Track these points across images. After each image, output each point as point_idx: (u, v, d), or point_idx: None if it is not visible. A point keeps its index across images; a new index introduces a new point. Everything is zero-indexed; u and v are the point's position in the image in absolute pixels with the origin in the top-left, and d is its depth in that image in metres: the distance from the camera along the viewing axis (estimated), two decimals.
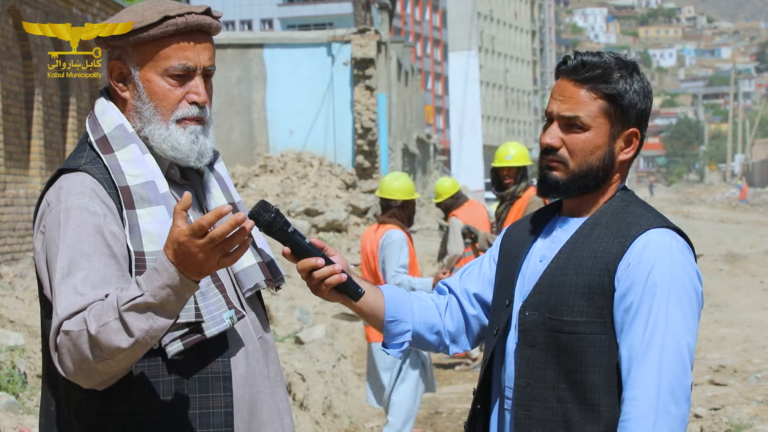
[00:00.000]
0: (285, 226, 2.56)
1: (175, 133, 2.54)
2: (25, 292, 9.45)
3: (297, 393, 8.37)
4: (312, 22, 70.70)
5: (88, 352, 2.28)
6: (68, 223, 2.39)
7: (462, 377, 10.93)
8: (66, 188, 2.45)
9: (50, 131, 14.63)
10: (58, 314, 2.32)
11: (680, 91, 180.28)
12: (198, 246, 2.23)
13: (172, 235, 2.25)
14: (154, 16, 2.50)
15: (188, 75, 2.55)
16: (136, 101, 2.54)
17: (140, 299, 2.26)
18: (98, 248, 2.38)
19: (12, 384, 6.27)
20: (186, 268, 2.26)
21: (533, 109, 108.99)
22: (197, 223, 2.22)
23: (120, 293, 2.29)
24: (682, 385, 2.49)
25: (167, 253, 2.27)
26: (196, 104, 2.56)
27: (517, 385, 2.63)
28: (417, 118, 40.66)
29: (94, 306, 2.30)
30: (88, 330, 2.27)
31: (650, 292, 2.51)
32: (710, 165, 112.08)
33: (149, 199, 2.47)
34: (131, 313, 2.25)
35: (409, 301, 2.82)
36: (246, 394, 2.58)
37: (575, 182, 2.63)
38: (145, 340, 2.27)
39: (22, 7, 13.48)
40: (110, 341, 2.26)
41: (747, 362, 10.66)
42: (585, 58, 2.63)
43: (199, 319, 2.45)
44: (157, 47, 2.52)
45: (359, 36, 24.41)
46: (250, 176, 23.69)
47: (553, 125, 2.65)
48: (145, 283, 2.27)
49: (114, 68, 2.55)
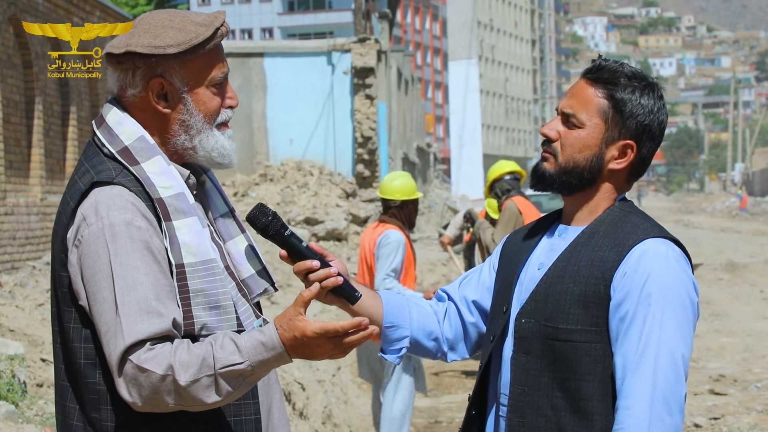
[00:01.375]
0: (282, 229, 2.57)
1: (221, 139, 2.57)
2: (25, 301, 9.45)
3: (297, 402, 8.36)
4: (312, 31, 70.83)
5: (167, 398, 2.32)
6: (116, 240, 2.37)
7: (462, 386, 10.92)
8: (104, 202, 2.41)
9: (51, 140, 14.64)
10: (124, 338, 2.31)
11: (680, 100, 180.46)
12: (323, 345, 2.36)
13: (296, 324, 2.35)
14: (206, 31, 2.50)
15: (224, 82, 2.59)
16: (183, 115, 2.53)
17: (240, 367, 2.33)
18: (150, 265, 2.38)
19: (12, 393, 6.27)
20: (297, 353, 2.37)
21: (533, 118, 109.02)
22: (333, 328, 2.34)
23: (217, 351, 2.34)
24: (676, 395, 2.49)
25: (281, 333, 2.36)
26: (231, 108, 2.61)
27: (512, 392, 2.64)
28: (417, 127, 40.68)
29: (178, 352, 2.32)
30: (176, 379, 2.30)
31: (645, 302, 2.51)
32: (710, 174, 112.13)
33: (183, 210, 2.47)
34: (226, 377, 2.33)
35: (408, 307, 2.82)
36: (265, 400, 2.62)
37: (560, 177, 2.65)
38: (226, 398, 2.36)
39: (23, 15, 13.51)
40: (197, 396, 2.32)
41: (747, 371, 10.65)
42: (603, 63, 2.66)
43: (240, 329, 2.48)
44: (205, 60, 2.52)
45: (359, 45, 24.44)
46: (251, 185, 23.70)
47: (556, 118, 2.69)
48: (248, 353, 2.34)
49: (154, 86, 2.51)
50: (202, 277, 2.44)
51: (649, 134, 2.65)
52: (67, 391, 2.50)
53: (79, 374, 2.45)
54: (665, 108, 2.69)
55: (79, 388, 2.47)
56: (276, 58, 25.02)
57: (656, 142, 2.68)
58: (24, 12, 13.54)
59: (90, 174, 2.48)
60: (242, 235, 2.66)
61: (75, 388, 2.48)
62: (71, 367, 2.48)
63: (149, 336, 2.32)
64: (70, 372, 2.49)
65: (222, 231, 2.64)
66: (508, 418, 2.64)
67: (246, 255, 2.64)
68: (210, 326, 2.44)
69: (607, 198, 2.68)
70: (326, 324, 2.35)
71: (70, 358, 2.48)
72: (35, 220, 13.66)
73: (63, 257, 2.45)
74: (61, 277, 2.46)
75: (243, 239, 2.65)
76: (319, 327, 2.34)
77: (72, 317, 2.46)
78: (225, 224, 2.64)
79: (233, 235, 2.64)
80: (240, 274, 2.62)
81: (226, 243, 2.63)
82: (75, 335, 2.45)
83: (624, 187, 2.70)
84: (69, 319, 2.47)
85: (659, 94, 2.67)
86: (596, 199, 2.68)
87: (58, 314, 2.50)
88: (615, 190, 2.68)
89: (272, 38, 72.43)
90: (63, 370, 2.51)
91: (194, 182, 2.60)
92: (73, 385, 2.48)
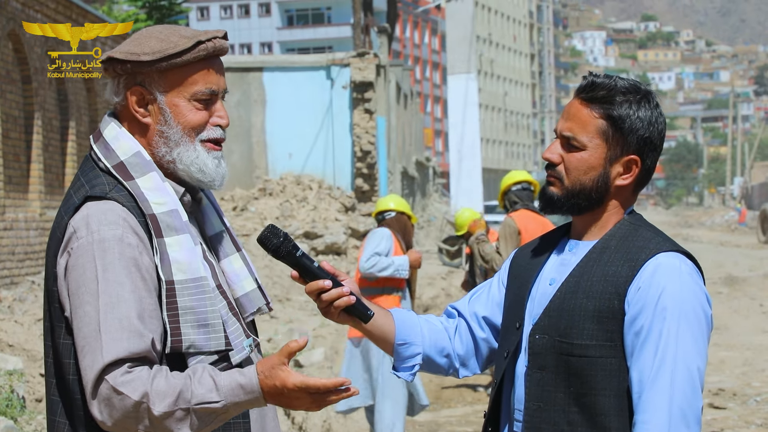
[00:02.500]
0: (294, 250, 2.58)
1: (202, 155, 2.53)
2: (24, 316, 9.44)
3: (296, 416, 8.35)
4: (311, 46, 70.98)
5: (137, 424, 2.32)
6: (105, 255, 2.36)
7: (461, 400, 10.91)
8: (96, 217, 2.40)
9: (50, 155, 14.65)
10: (102, 356, 2.30)
11: (679, 114, 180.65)
12: (302, 398, 2.37)
13: (278, 373, 2.36)
14: (185, 42, 2.49)
15: (212, 99, 2.56)
16: (161, 126, 2.52)
17: (215, 406, 2.34)
18: (136, 282, 2.37)
19: (11, 408, 6.26)
20: (274, 400, 2.39)
21: (532, 132, 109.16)
22: (315, 385, 2.34)
23: (195, 386, 2.33)
24: (693, 408, 2.49)
25: (261, 379, 2.36)
26: (220, 127, 2.57)
27: (527, 408, 2.63)
28: (416, 141, 40.72)
29: (156, 380, 2.32)
30: (150, 408, 2.30)
31: (660, 316, 2.51)
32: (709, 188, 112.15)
33: (175, 227, 2.45)
34: (200, 413, 2.33)
35: (419, 325, 2.83)
36: (258, 419, 2.60)
37: (569, 200, 2.65)
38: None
39: (22, 31, 13.53)
40: (168, 427, 2.33)
41: (746, 385, 10.64)
42: (596, 79, 2.64)
43: (228, 348, 2.47)
44: (185, 72, 2.51)
45: (358, 59, 24.48)
46: (250, 199, 23.71)
47: (556, 142, 2.68)
48: (225, 393, 2.35)
49: (135, 93, 2.52)
50: (191, 295, 2.43)
51: (651, 146, 2.64)
52: (57, 407, 2.48)
53: (69, 390, 2.43)
54: (662, 115, 2.68)
55: (68, 404, 2.45)
56: (275, 73, 25.07)
57: (658, 151, 2.69)
58: (22, 27, 13.57)
59: (84, 188, 2.48)
60: (237, 254, 2.64)
61: (65, 404, 2.46)
62: (62, 383, 2.46)
63: (128, 355, 2.31)
64: (60, 387, 2.47)
65: (217, 249, 2.62)
66: None
67: (240, 274, 2.62)
68: (198, 344, 2.42)
69: (616, 213, 2.68)
70: (307, 379, 2.35)
71: (61, 373, 2.46)
72: (34, 235, 13.66)
73: (55, 271, 2.44)
74: (53, 292, 2.45)
75: (238, 258, 2.64)
76: (300, 381, 2.36)
77: (62, 332, 2.45)
78: (220, 242, 2.63)
79: (228, 254, 2.63)
80: (234, 293, 2.61)
81: (220, 261, 2.61)
82: (65, 350, 2.44)
83: (631, 200, 2.70)
84: (60, 334, 2.45)
85: (655, 103, 2.66)
86: (605, 215, 2.68)
87: (51, 329, 2.49)
88: (623, 205, 2.69)
89: (271, 53, 72.59)
90: (54, 385, 2.49)
91: (189, 200, 2.58)
92: (63, 401, 2.47)
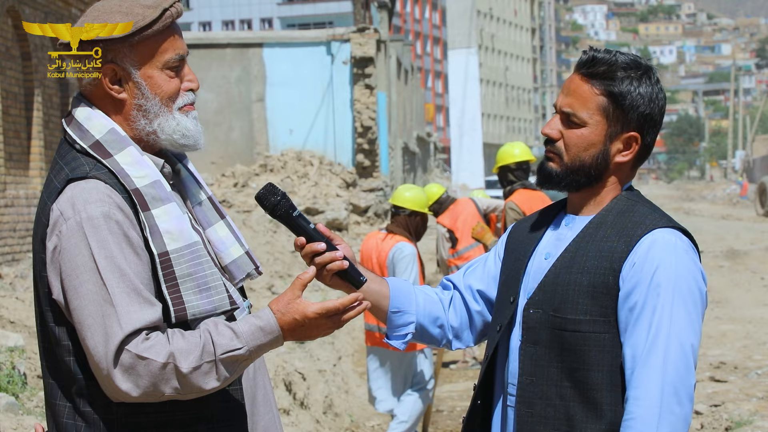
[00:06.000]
0: (290, 210, 2.58)
1: (182, 121, 2.52)
2: (25, 292, 9.45)
3: (298, 392, 8.37)
4: (311, 21, 70.73)
5: (165, 386, 2.31)
6: (97, 232, 2.34)
7: (462, 375, 10.92)
8: (81, 197, 2.38)
9: (50, 132, 14.63)
10: (121, 328, 2.29)
11: (680, 87, 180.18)
12: (322, 324, 2.41)
13: (295, 306, 2.40)
14: (152, 13, 2.46)
15: (180, 65, 2.54)
16: (139, 100, 2.49)
17: (239, 353, 2.36)
18: (130, 257, 2.36)
19: (12, 385, 6.27)
20: (294, 335, 2.41)
21: (533, 107, 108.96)
22: (334, 306, 2.40)
23: (216, 337, 2.35)
24: (685, 384, 2.49)
25: (278, 316, 2.40)
26: (192, 90, 2.56)
27: (520, 383, 2.63)
28: (417, 116, 40.66)
29: (175, 339, 2.33)
30: (178, 366, 2.31)
31: (655, 292, 2.51)
32: (711, 161, 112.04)
33: (161, 197, 2.43)
34: (226, 363, 2.34)
35: (414, 293, 2.82)
36: (249, 387, 2.60)
37: (567, 176, 2.64)
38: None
39: (22, 7, 13.48)
40: (196, 382, 2.33)
41: (747, 359, 10.65)
42: (596, 54, 2.62)
43: (234, 306, 2.48)
44: (156, 42, 2.48)
45: (359, 35, 24.40)
46: (251, 175, 23.69)
47: (555, 117, 2.67)
48: (247, 338, 2.37)
49: (107, 72, 2.49)
50: (188, 261, 2.41)
51: (651, 122, 2.64)
52: (55, 390, 2.47)
53: (68, 372, 2.42)
54: (663, 91, 2.67)
55: (67, 386, 2.44)
56: (275, 49, 25.00)
57: (658, 127, 2.68)
58: (22, 3, 13.51)
59: (65, 171, 2.46)
60: (222, 221, 2.63)
61: (63, 386, 2.45)
62: (58, 365, 2.45)
63: (146, 324, 2.31)
64: (57, 370, 2.46)
65: (201, 219, 2.61)
66: (516, 409, 2.63)
67: (226, 242, 2.61)
68: (203, 309, 2.41)
69: (614, 188, 2.67)
70: (326, 303, 2.40)
71: (56, 356, 2.45)
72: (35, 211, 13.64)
73: (44, 257, 2.42)
74: (42, 277, 2.43)
75: (222, 225, 2.62)
76: (320, 307, 2.40)
77: (52, 317, 2.43)
78: (203, 212, 2.61)
79: (212, 222, 2.61)
80: (221, 261, 2.59)
81: (205, 231, 2.60)
82: (61, 334, 2.42)
83: (629, 176, 2.70)
84: (49, 318, 2.44)
85: (655, 79, 2.65)
86: (603, 191, 2.67)
87: (41, 314, 2.47)
88: (621, 181, 2.68)
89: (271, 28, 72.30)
90: (49, 369, 2.48)
91: (169, 171, 2.56)
92: (61, 384, 2.45)
